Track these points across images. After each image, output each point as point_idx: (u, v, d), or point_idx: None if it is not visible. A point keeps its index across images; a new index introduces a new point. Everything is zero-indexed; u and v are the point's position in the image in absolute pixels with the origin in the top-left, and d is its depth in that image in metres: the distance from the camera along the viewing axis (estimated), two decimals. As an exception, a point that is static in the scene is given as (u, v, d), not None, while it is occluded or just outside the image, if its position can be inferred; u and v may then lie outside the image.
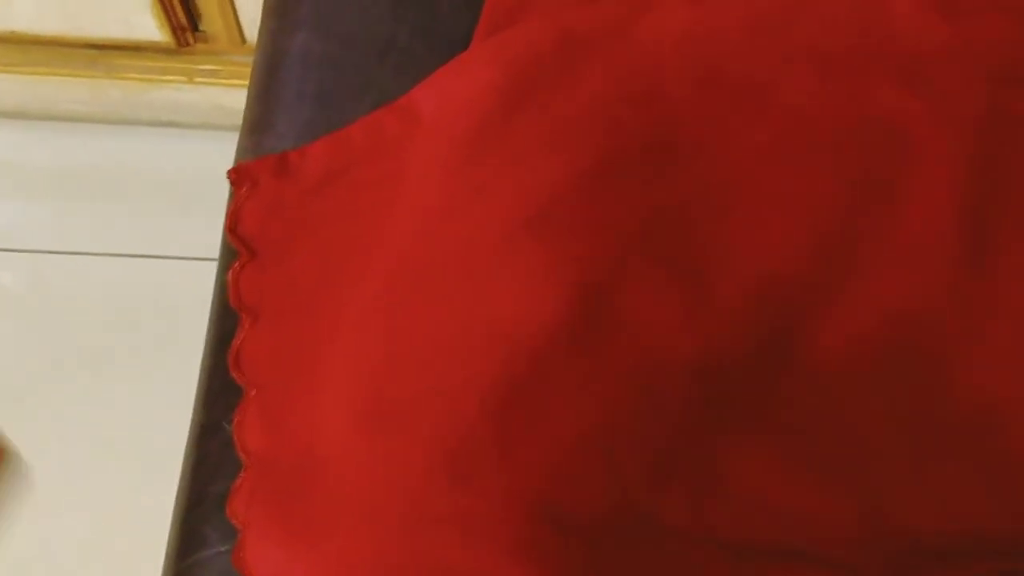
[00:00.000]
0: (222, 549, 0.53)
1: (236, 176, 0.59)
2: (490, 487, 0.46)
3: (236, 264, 0.57)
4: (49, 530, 1.01)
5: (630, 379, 0.49)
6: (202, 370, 0.60)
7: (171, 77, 1.07)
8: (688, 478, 0.48)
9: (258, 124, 0.63)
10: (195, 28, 1.03)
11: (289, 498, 0.51)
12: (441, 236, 0.54)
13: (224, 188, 0.62)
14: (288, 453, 0.52)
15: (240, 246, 0.58)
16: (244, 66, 1.02)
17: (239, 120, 0.67)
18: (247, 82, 0.68)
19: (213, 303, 0.62)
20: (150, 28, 1.01)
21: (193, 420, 0.58)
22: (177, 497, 0.57)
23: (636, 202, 0.53)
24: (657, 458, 0.48)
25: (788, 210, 0.52)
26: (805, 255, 0.51)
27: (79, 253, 1.13)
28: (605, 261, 0.51)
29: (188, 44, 1.04)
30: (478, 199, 0.54)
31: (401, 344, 0.51)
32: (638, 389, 0.49)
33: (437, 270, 0.53)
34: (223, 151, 0.70)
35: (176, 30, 1.02)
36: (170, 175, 1.16)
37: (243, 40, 1.03)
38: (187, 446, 0.58)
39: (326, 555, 0.48)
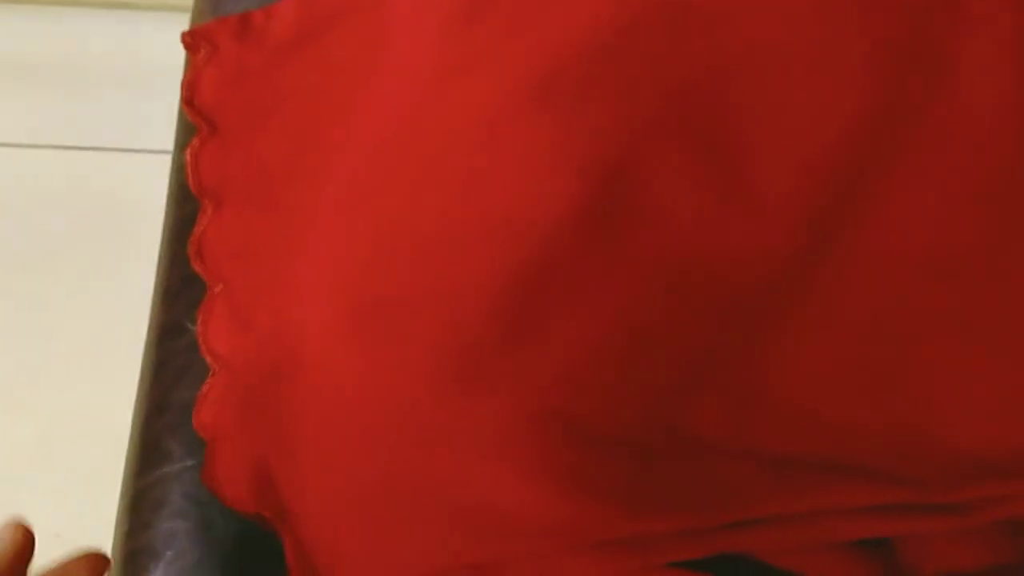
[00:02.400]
0: (188, 463, 0.47)
1: (192, 40, 0.51)
2: (499, 396, 0.40)
3: (195, 141, 0.50)
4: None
5: (655, 275, 0.43)
6: (159, 263, 0.53)
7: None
8: (724, 386, 0.42)
9: (216, -20, 0.55)
10: None
11: (265, 408, 0.44)
12: (433, 108, 0.47)
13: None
14: (262, 357, 0.45)
15: (198, 120, 0.50)
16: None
17: None
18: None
19: (170, 186, 0.54)
20: None
21: (152, 320, 0.52)
22: (136, 406, 0.51)
23: (659, 69, 0.46)
24: (687, 364, 0.42)
25: (830, 80, 0.46)
26: (850, 133, 0.45)
27: (24, 145, 1.04)
28: (624, 137, 0.44)
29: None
30: (476, 64, 0.47)
31: (390, 233, 0.45)
32: (664, 287, 0.43)
33: (429, 148, 0.46)
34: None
35: None
36: (124, 60, 1.06)
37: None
38: (146, 349, 0.51)
39: (310, 474, 0.42)
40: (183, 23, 0.57)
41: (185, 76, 0.51)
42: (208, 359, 0.47)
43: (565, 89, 0.45)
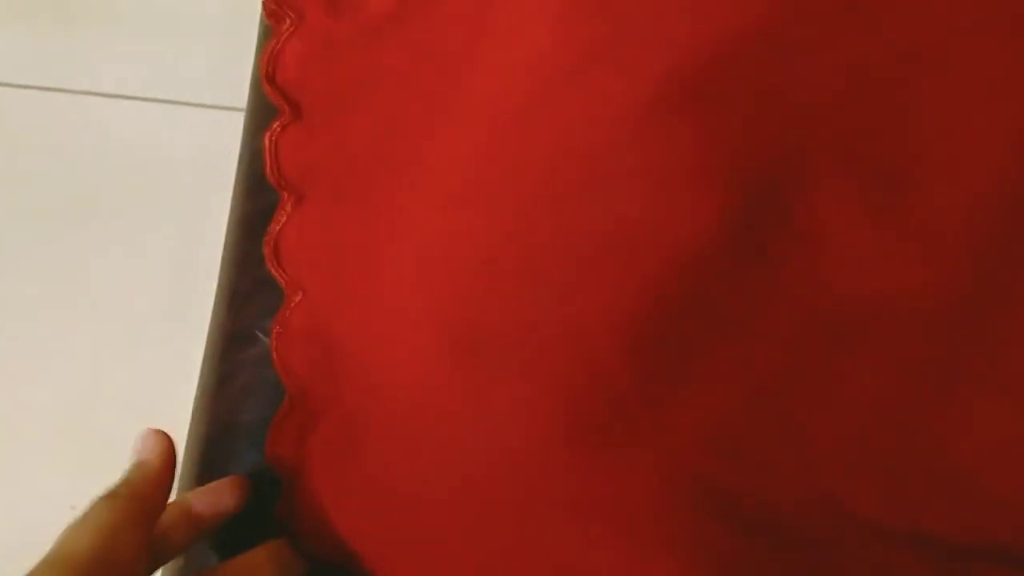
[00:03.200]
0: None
1: (276, 7, 0.45)
2: (641, 456, 0.34)
3: (276, 125, 0.43)
4: (10, 404, 0.89)
5: (813, 315, 0.36)
6: (224, 260, 0.47)
7: None
8: (890, 455, 0.35)
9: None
10: None
11: (349, 448, 0.38)
12: (551, 106, 0.40)
13: (245, 22, 0.47)
14: (346, 385, 0.39)
15: (280, 100, 0.43)
16: None
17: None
18: None
19: (239, 175, 0.48)
20: None
21: (215, 325, 0.45)
22: (194, 422, 0.45)
23: (816, 72, 0.39)
24: (851, 426, 0.35)
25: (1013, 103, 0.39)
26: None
27: (61, 90, 0.96)
28: (776, 149, 0.38)
29: None
30: (602, 58, 0.40)
31: (499, 246, 0.38)
32: (823, 330, 0.36)
33: (546, 151, 0.39)
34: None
35: None
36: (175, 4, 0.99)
37: None
38: (207, 357, 0.45)
39: (399, 535, 0.36)
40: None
41: (266, 49, 0.44)
42: (284, 380, 0.40)
43: (707, 91, 0.38)
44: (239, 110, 0.49)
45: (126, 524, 0.34)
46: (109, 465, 0.88)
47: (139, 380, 0.87)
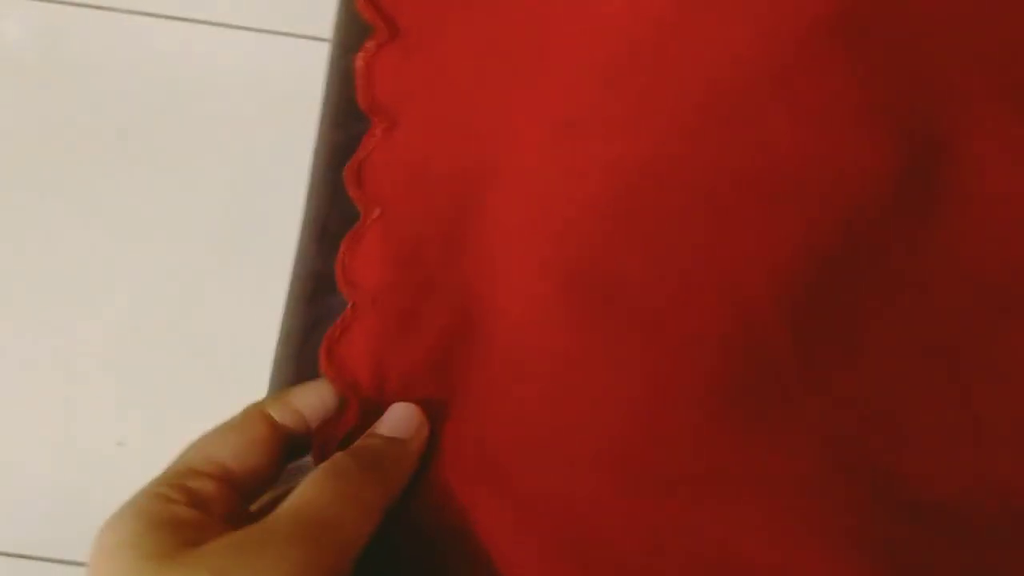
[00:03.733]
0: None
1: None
2: (790, 435, 0.30)
3: (370, 43, 0.39)
4: (66, 338, 0.86)
5: (989, 282, 0.32)
6: (312, 195, 0.43)
7: None
8: None
9: None
10: None
11: (444, 388, 0.35)
12: (688, 29, 0.35)
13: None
14: (433, 307, 0.35)
15: (376, 17, 0.39)
16: None
17: None
18: None
19: (326, 102, 0.44)
20: None
21: (300, 268, 0.42)
22: (277, 368, 0.42)
23: (995, 14, 0.34)
24: None
25: None
26: None
27: (124, 11, 0.92)
28: (952, 92, 0.33)
29: None
30: None
31: (631, 184, 0.34)
32: (1002, 300, 0.32)
33: (687, 77, 0.35)
34: None
35: None
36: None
37: None
38: (293, 301, 0.42)
39: (513, 500, 0.32)
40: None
41: (361, -38, 0.40)
42: (346, 291, 0.37)
43: (867, 22, 0.34)
44: (324, 40, 0.45)
45: (379, 507, 0.30)
46: (157, 402, 0.85)
47: (205, 317, 0.85)
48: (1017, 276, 0.32)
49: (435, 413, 0.34)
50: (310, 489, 0.29)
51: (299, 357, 0.40)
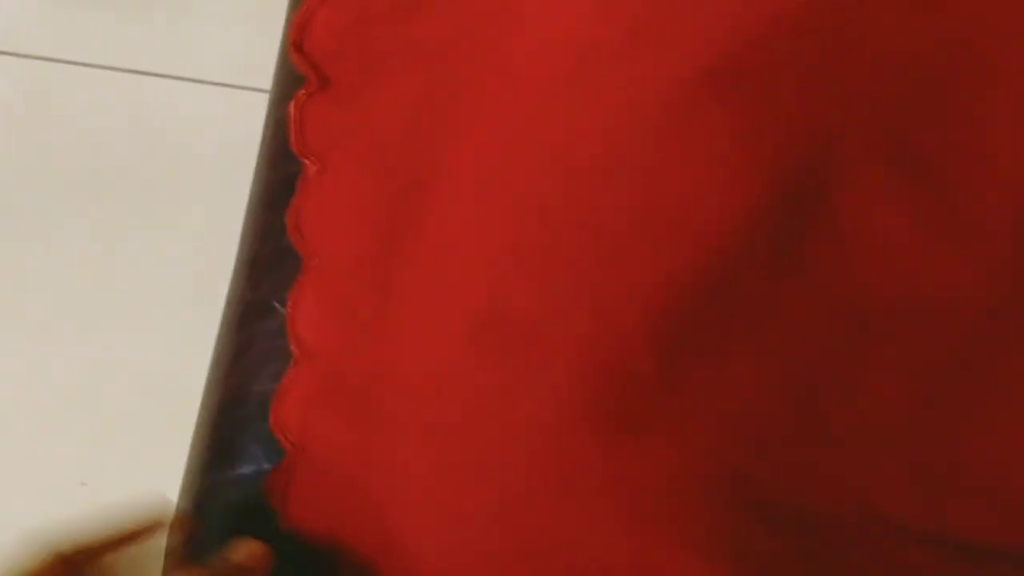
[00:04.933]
0: (266, 468, 0.40)
1: (305, -26, 0.44)
2: (662, 444, 0.33)
3: (301, 93, 0.43)
4: (25, 377, 0.87)
5: (847, 308, 0.35)
6: (245, 231, 0.46)
7: None
8: (920, 457, 0.34)
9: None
10: None
11: (360, 416, 0.38)
12: (587, 88, 0.39)
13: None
14: (360, 354, 0.38)
15: (308, 69, 0.43)
16: None
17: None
18: None
19: (264, 145, 0.47)
20: None
21: (233, 295, 0.45)
22: (207, 392, 0.44)
23: (859, 60, 0.38)
24: (883, 427, 0.34)
25: None
26: None
27: (94, 66, 0.95)
28: (817, 138, 0.36)
29: None
30: (639, 42, 0.39)
31: (528, 230, 0.37)
32: (856, 324, 0.35)
33: (582, 134, 0.38)
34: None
35: None
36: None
37: None
38: (223, 328, 0.45)
39: (412, 508, 0.35)
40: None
41: (296, 16, 0.44)
42: (292, 346, 0.40)
43: (747, 77, 0.37)
44: (267, 91, 0.49)
45: None
46: (122, 443, 0.86)
47: (155, 354, 0.86)
48: (878, 311, 0.35)
49: (353, 458, 0.37)
50: None
51: (226, 381, 0.43)
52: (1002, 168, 0.36)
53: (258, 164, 0.47)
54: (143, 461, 0.51)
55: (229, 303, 0.45)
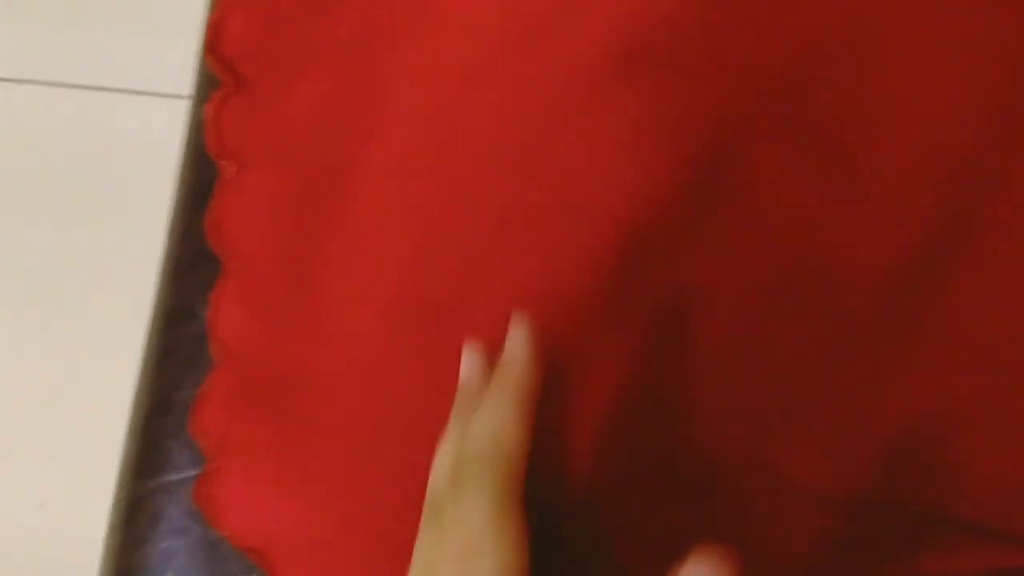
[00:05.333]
0: (193, 473, 0.40)
1: (218, -25, 0.44)
2: (577, 424, 0.33)
3: (217, 95, 0.43)
4: None
5: (759, 284, 0.36)
6: (169, 234, 0.46)
7: None
8: (827, 421, 0.35)
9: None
10: None
11: (279, 415, 0.37)
12: (497, 76, 0.39)
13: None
14: (278, 354, 0.38)
15: (223, 71, 0.43)
16: None
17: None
18: None
19: (184, 148, 0.47)
20: None
21: (157, 301, 0.44)
22: (135, 399, 0.44)
23: (760, 42, 0.38)
24: (792, 392, 0.35)
25: (958, 60, 0.38)
26: (980, 123, 0.37)
27: (28, 81, 0.94)
28: (721, 119, 0.37)
29: None
30: (550, 27, 0.39)
31: (441, 219, 0.38)
32: (770, 298, 0.35)
33: (492, 122, 0.38)
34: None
35: None
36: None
37: None
38: (148, 334, 0.44)
39: (330, 503, 0.35)
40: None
41: (210, 18, 0.43)
42: (213, 349, 0.40)
43: (654, 61, 0.38)
44: (188, 97, 0.48)
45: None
46: (81, 464, 0.85)
47: (89, 365, 0.85)
48: (789, 277, 0.35)
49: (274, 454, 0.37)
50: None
51: (152, 387, 0.42)
52: (902, 132, 0.37)
53: (180, 168, 0.46)
54: (100, 482, 0.51)
55: (154, 308, 0.44)
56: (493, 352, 0.34)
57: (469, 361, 0.34)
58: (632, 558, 0.34)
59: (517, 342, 0.32)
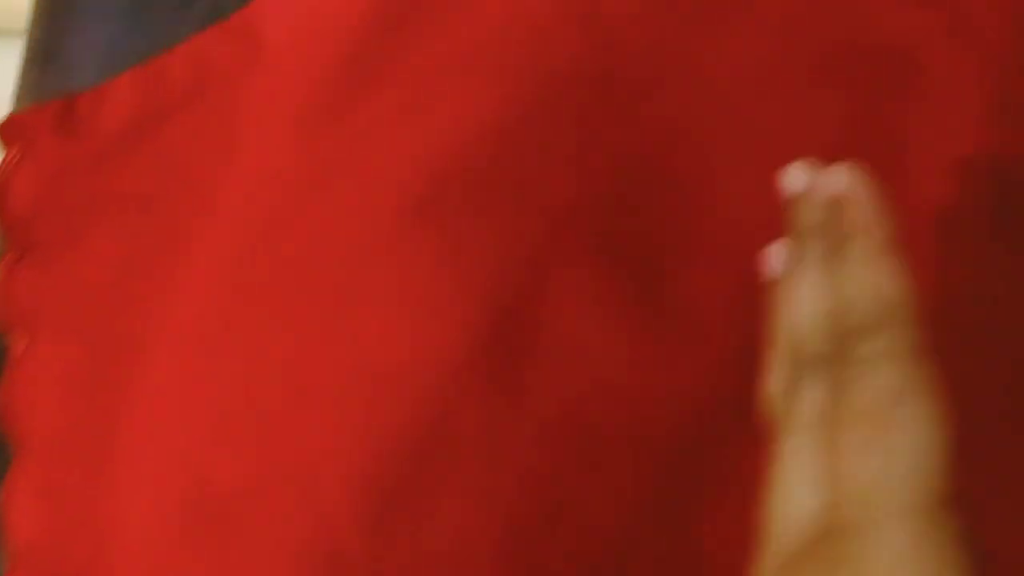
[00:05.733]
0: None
1: (5, 133, 0.42)
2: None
3: (6, 259, 0.40)
4: None
5: (558, 443, 0.34)
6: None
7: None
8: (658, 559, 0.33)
9: (43, 50, 0.45)
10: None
11: None
12: (288, 227, 0.37)
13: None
14: (67, 553, 0.36)
15: (11, 232, 0.40)
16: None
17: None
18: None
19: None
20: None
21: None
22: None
23: (568, 169, 0.37)
24: (612, 542, 0.33)
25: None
26: None
27: None
28: (527, 257, 0.36)
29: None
30: (346, 167, 0.38)
31: (232, 399, 0.35)
32: (576, 451, 0.34)
33: (285, 281, 0.36)
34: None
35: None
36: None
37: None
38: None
39: None
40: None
41: (-6, 177, 0.41)
42: (10, 540, 0.37)
43: (451, 199, 0.36)
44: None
45: None
46: None
47: None
48: (592, 422, 0.34)
49: None
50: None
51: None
52: (714, 268, 0.35)
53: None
54: None
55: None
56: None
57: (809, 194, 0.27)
58: None
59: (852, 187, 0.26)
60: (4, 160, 0.41)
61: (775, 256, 0.26)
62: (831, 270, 0.25)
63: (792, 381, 0.25)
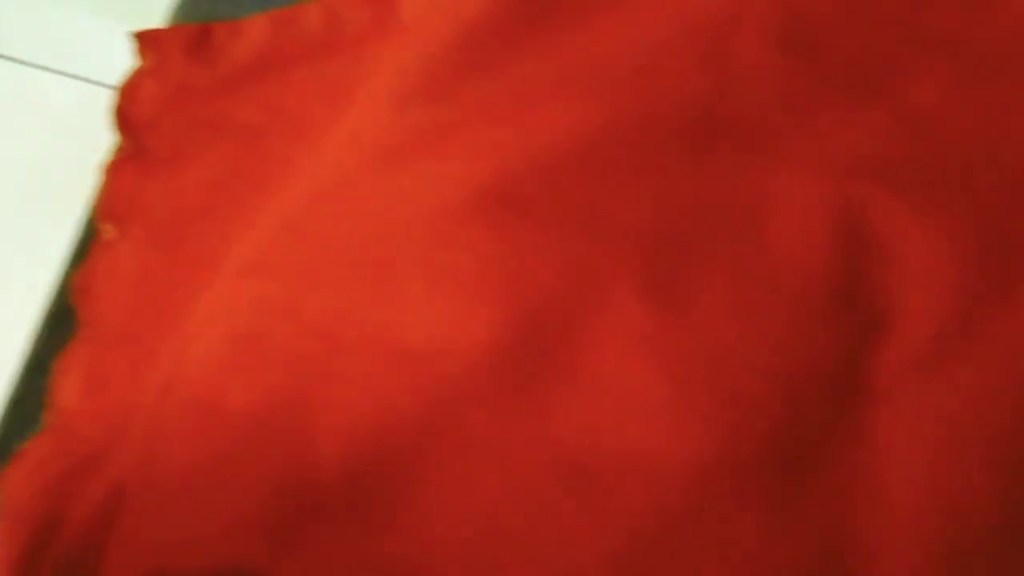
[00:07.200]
0: None
1: (143, 43, 0.45)
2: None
3: (117, 156, 0.43)
4: None
5: (561, 461, 0.33)
6: (63, 278, 0.46)
7: None
8: None
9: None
10: None
11: (92, 493, 0.37)
12: (362, 191, 0.38)
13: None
14: (100, 431, 0.38)
15: (127, 134, 0.43)
16: None
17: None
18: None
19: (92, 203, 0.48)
20: None
21: (30, 344, 0.45)
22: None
23: (650, 199, 0.36)
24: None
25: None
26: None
27: None
28: (571, 274, 0.35)
29: None
30: (433, 147, 0.38)
31: (272, 323, 0.37)
32: (564, 480, 0.33)
33: (339, 239, 0.37)
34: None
35: None
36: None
37: None
38: (16, 375, 0.45)
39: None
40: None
41: (122, 83, 0.44)
42: (51, 412, 0.40)
43: (517, 200, 0.36)
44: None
45: None
46: None
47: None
48: (591, 456, 0.33)
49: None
50: None
51: (3, 432, 0.43)
52: (759, 332, 0.35)
53: (84, 217, 0.47)
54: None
55: (27, 352, 0.45)
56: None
57: None
58: None
59: None
60: (135, 68, 0.44)
61: None
62: None
63: None
